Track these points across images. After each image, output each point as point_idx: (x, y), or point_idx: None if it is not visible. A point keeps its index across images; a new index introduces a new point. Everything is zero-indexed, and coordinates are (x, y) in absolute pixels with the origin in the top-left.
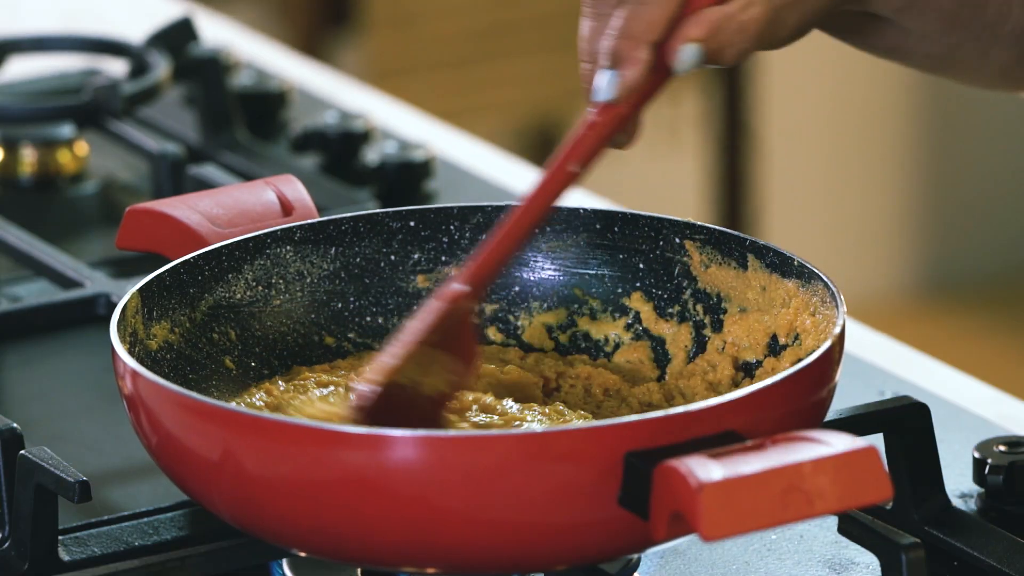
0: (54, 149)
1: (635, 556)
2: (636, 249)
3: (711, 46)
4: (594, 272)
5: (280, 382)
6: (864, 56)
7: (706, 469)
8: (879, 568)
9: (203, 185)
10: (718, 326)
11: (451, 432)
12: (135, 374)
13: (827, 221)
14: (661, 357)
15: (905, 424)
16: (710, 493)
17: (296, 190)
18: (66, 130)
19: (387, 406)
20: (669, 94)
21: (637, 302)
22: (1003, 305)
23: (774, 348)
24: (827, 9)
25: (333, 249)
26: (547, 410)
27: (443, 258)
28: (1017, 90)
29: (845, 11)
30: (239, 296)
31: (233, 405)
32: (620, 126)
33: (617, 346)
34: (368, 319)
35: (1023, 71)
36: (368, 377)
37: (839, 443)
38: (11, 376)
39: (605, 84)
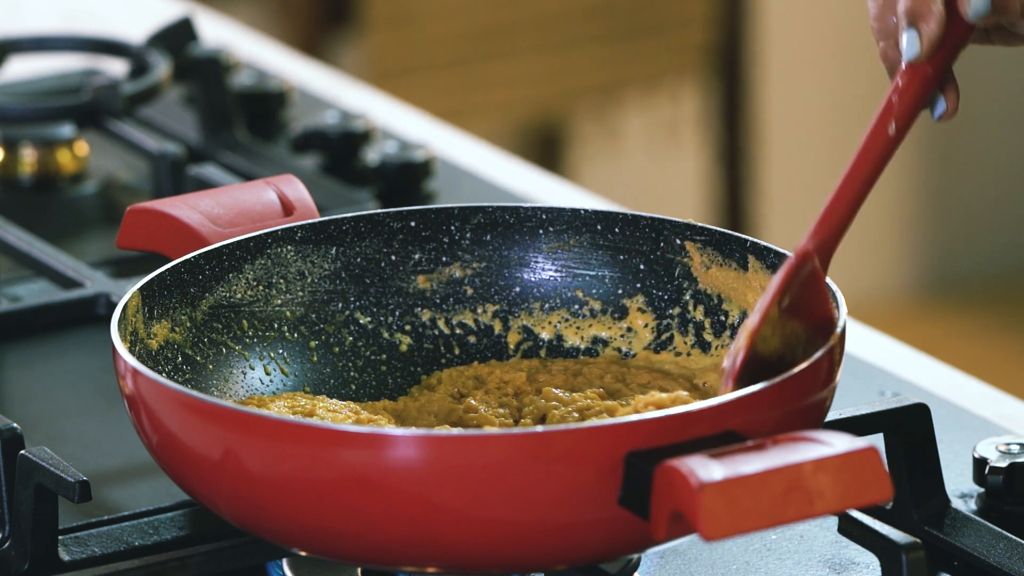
0: (54, 149)
1: (635, 556)
2: (637, 250)
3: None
4: (595, 273)
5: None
6: (864, 56)
7: (707, 469)
8: (879, 568)
9: (203, 185)
10: (719, 328)
11: (451, 432)
12: (136, 373)
13: None
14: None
15: (905, 424)
16: (710, 493)
17: (297, 190)
18: (66, 130)
19: (754, 371)
20: (669, 94)
21: (636, 305)
22: (1003, 305)
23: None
24: None
25: (334, 249)
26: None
27: (443, 258)
28: None
29: None
30: (240, 296)
31: (233, 404)
32: (929, 88)
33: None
34: (368, 319)
35: None
36: (732, 354)
37: (839, 443)
38: (11, 376)
39: (908, 44)
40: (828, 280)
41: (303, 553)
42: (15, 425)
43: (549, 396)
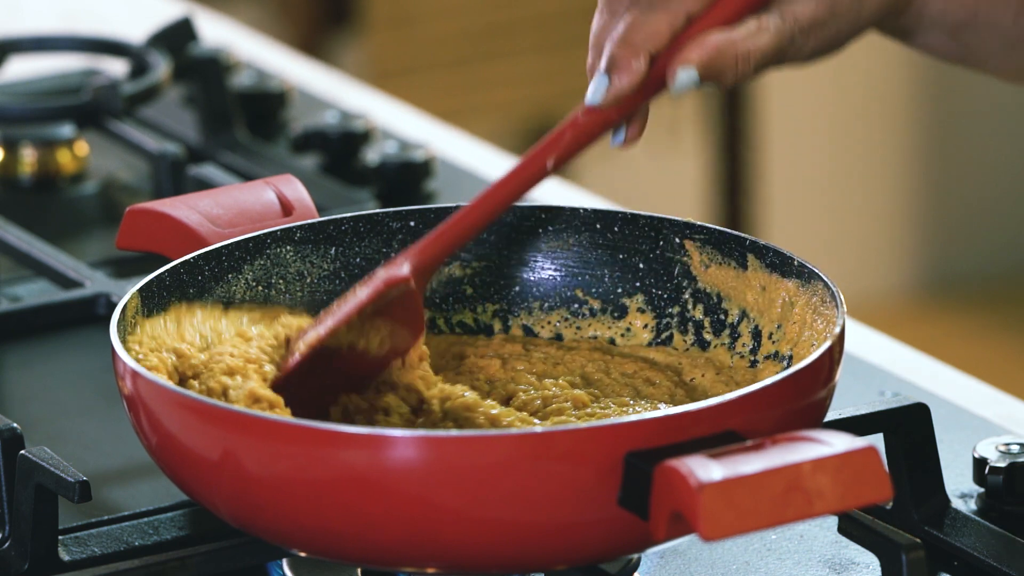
0: (54, 149)
1: (635, 556)
2: (636, 249)
3: (709, 71)
4: (594, 272)
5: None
6: (865, 56)
7: (706, 469)
8: (879, 568)
9: (203, 185)
10: (718, 327)
11: (451, 432)
12: (135, 374)
13: (827, 221)
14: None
15: (905, 424)
16: (710, 493)
17: (296, 190)
18: (66, 130)
19: (318, 367)
20: (669, 94)
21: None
22: (1003, 305)
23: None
24: (856, 34)
25: (333, 249)
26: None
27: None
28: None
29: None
30: (239, 296)
31: (233, 405)
32: (605, 129)
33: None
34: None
35: None
36: (303, 342)
37: (839, 443)
38: (11, 376)
39: (595, 88)
40: (827, 280)
41: (303, 553)
42: (15, 425)
43: (520, 379)
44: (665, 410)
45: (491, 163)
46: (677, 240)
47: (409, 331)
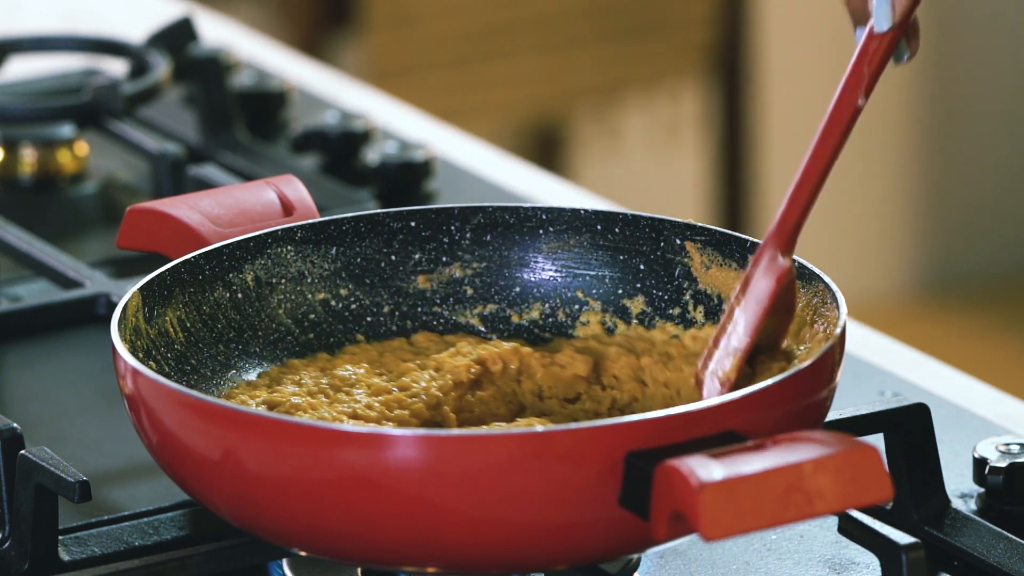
0: (54, 149)
1: (635, 556)
2: (637, 250)
3: None
4: (595, 273)
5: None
6: None
7: (707, 469)
8: (879, 568)
9: (203, 185)
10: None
11: (451, 432)
12: (136, 373)
13: (827, 221)
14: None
15: (905, 424)
16: (710, 493)
17: (297, 190)
18: (66, 130)
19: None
20: (669, 94)
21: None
22: (1003, 305)
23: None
24: None
25: (334, 249)
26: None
27: (443, 258)
28: None
29: None
30: (240, 296)
31: (234, 404)
32: (895, 45)
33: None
34: (369, 319)
35: None
36: (725, 369)
37: (839, 443)
38: (11, 376)
39: (879, 13)
40: (827, 280)
41: (303, 553)
42: (15, 425)
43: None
44: (665, 410)
45: (491, 163)
46: (678, 241)
47: (787, 314)
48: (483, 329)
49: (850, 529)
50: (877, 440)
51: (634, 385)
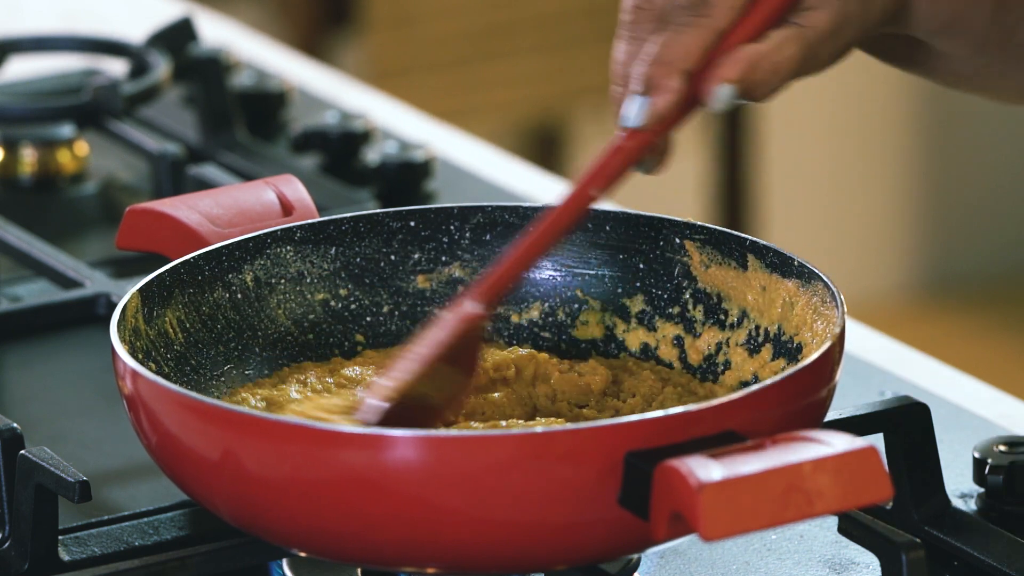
0: (54, 149)
1: (635, 556)
2: (636, 249)
3: (745, 86)
4: (594, 272)
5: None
6: (865, 57)
7: (706, 469)
8: (879, 568)
9: (203, 185)
10: (720, 327)
11: (451, 432)
12: (135, 374)
13: (827, 221)
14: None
15: (905, 424)
16: (710, 493)
17: (296, 190)
18: (66, 130)
19: (392, 417)
20: None
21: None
22: (1003, 305)
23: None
24: (861, 38)
25: (333, 249)
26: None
27: (443, 258)
28: None
29: (879, 34)
30: (240, 296)
31: (233, 405)
32: (645, 151)
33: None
34: (368, 319)
35: None
36: (380, 391)
37: (839, 443)
38: (11, 376)
39: (635, 110)
40: (827, 280)
41: (303, 553)
42: (15, 425)
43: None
44: (665, 410)
45: (491, 163)
46: (677, 240)
47: (465, 376)
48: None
49: (850, 529)
50: (877, 440)
51: (644, 406)
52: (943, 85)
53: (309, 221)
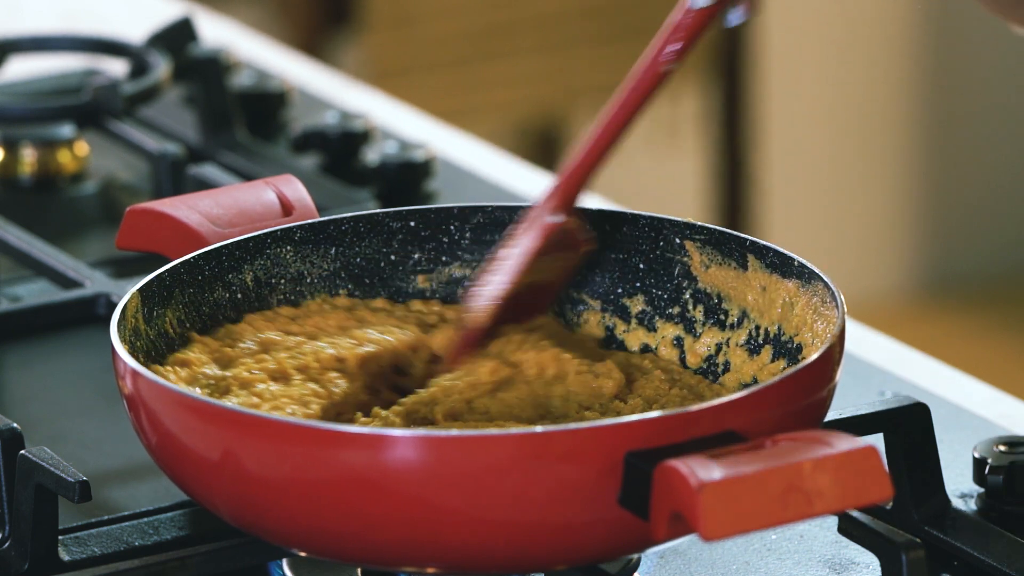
0: (54, 149)
1: (635, 556)
2: (636, 249)
3: None
4: (594, 272)
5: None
6: (865, 56)
7: (706, 469)
8: (879, 568)
9: (203, 185)
10: (721, 327)
11: (451, 432)
12: (135, 374)
13: (827, 221)
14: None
15: (905, 424)
16: (710, 493)
17: (296, 190)
18: (66, 130)
19: (503, 311)
20: (669, 94)
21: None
22: (1003, 305)
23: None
24: None
25: (333, 249)
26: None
27: (443, 258)
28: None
29: None
30: (239, 296)
31: (233, 405)
32: (709, 24)
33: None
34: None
35: None
36: (483, 300)
37: (839, 443)
38: (11, 376)
39: None
40: (827, 280)
41: (303, 553)
42: (15, 425)
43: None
44: (665, 410)
45: (491, 163)
46: (677, 240)
47: (573, 252)
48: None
49: (850, 529)
50: (877, 440)
51: (645, 407)
52: None
53: (309, 221)
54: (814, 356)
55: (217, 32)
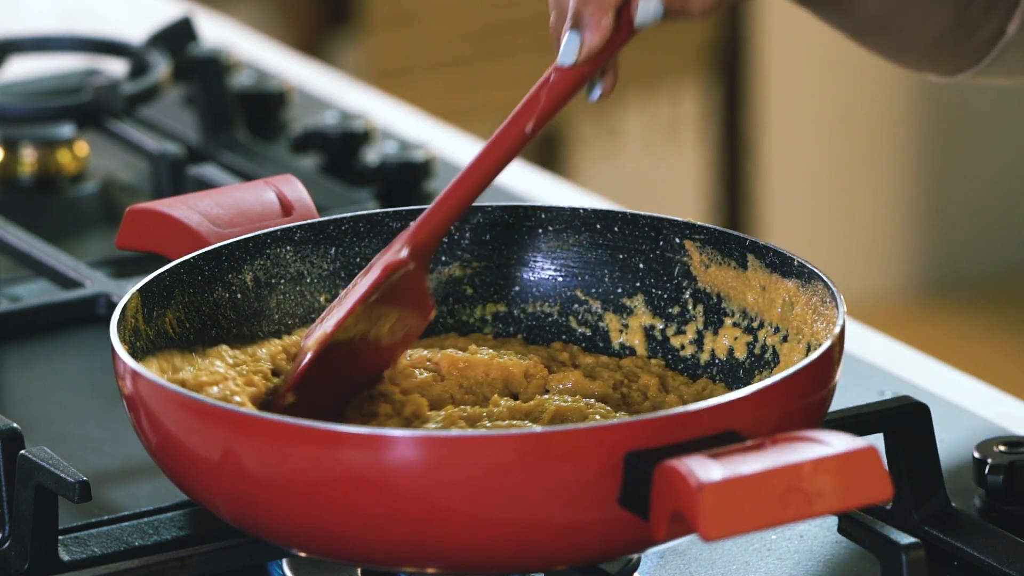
0: (54, 149)
1: (635, 556)
2: (636, 249)
3: (674, 2)
4: (594, 272)
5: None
6: (865, 56)
7: (706, 469)
8: (879, 568)
9: (203, 185)
10: (717, 327)
11: (451, 432)
12: (135, 374)
13: (827, 221)
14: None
15: (905, 424)
16: (710, 493)
17: (296, 190)
18: (66, 130)
19: (334, 362)
20: (669, 94)
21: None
22: (1003, 305)
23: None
24: None
25: (333, 249)
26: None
27: (443, 258)
28: (932, 69)
29: None
30: (239, 296)
31: (233, 405)
32: (579, 87)
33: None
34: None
35: (953, 39)
36: (312, 340)
37: (839, 443)
38: (11, 376)
39: (565, 48)
40: (827, 280)
41: (303, 553)
42: (15, 425)
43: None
44: (665, 410)
45: None
46: (677, 240)
47: (418, 313)
48: (484, 329)
49: (850, 529)
50: (877, 440)
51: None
52: (850, 34)
53: (309, 221)
54: (814, 356)
55: (217, 32)
